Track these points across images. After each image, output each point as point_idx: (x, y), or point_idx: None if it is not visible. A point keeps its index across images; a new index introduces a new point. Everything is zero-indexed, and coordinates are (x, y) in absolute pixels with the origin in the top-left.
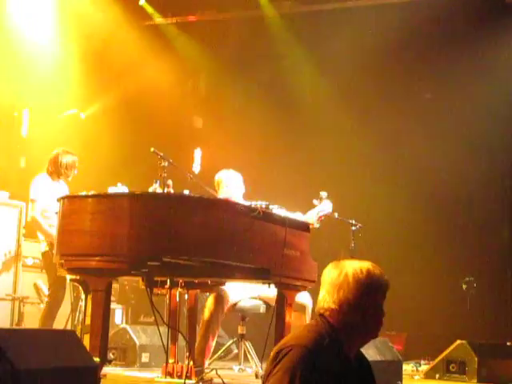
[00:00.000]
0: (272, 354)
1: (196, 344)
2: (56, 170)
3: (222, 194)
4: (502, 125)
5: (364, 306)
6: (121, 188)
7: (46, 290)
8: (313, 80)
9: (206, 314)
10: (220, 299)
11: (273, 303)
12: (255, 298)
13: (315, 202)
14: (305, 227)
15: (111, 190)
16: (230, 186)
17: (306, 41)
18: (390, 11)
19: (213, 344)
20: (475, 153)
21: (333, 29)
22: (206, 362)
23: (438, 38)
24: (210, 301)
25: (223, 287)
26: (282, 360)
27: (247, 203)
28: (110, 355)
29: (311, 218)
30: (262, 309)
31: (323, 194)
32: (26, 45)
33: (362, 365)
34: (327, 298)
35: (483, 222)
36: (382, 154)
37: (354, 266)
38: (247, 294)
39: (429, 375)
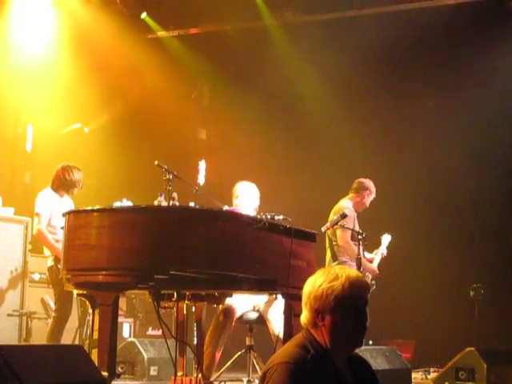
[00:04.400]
0: (260, 374)
1: (204, 357)
2: (62, 185)
3: (234, 203)
4: (508, 131)
5: (338, 313)
6: (126, 203)
7: (53, 305)
8: (315, 89)
9: (213, 326)
10: (228, 312)
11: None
12: (253, 311)
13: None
14: (311, 237)
15: (116, 205)
16: (241, 198)
17: (308, 50)
18: (391, 20)
19: (218, 356)
20: (480, 160)
21: (334, 38)
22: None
23: (440, 45)
24: (217, 313)
25: (229, 300)
26: (269, 380)
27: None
28: (119, 369)
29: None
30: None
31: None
32: (29, 60)
33: (358, 370)
34: (304, 311)
35: (490, 229)
36: (387, 161)
37: (324, 276)
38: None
39: (438, 383)
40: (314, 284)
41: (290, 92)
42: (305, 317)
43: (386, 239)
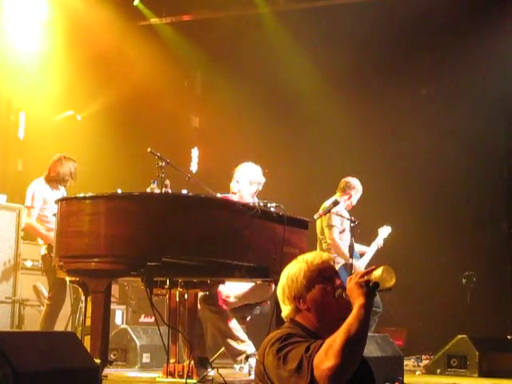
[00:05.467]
0: (257, 358)
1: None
2: (55, 177)
3: (231, 188)
4: (501, 120)
5: (314, 286)
6: None
7: (45, 293)
8: (309, 77)
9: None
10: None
11: (248, 300)
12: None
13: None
14: (303, 224)
15: None
16: (241, 183)
17: (302, 38)
18: (385, 6)
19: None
20: (473, 148)
21: (328, 25)
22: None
23: (435, 31)
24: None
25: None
26: (269, 349)
27: (248, 201)
28: (111, 356)
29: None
30: (257, 310)
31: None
32: (20, 47)
33: None
34: (284, 307)
35: (482, 217)
36: (381, 150)
37: (287, 269)
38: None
39: (430, 370)
40: (284, 278)
41: (284, 79)
42: (286, 310)
43: (385, 231)
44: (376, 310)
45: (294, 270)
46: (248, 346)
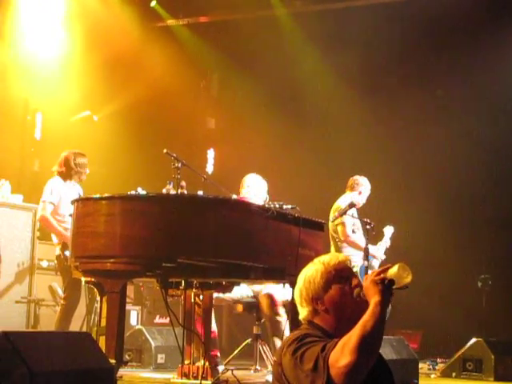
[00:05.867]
0: (274, 359)
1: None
2: (67, 170)
3: (242, 194)
4: None
5: (331, 286)
6: (141, 192)
7: (61, 293)
8: (325, 78)
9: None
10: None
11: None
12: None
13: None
14: (319, 226)
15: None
16: (251, 187)
17: (318, 40)
18: (401, 8)
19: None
20: (490, 149)
21: (345, 27)
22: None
23: (451, 32)
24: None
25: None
26: (287, 350)
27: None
28: (126, 357)
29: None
30: None
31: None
32: (38, 48)
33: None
34: (302, 310)
35: (499, 219)
36: (398, 150)
37: (303, 272)
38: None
39: (445, 373)
40: (301, 280)
41: (300, 80)
42: (304, 312)
43: (388, 231)
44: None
45: (311, 271)
46: None
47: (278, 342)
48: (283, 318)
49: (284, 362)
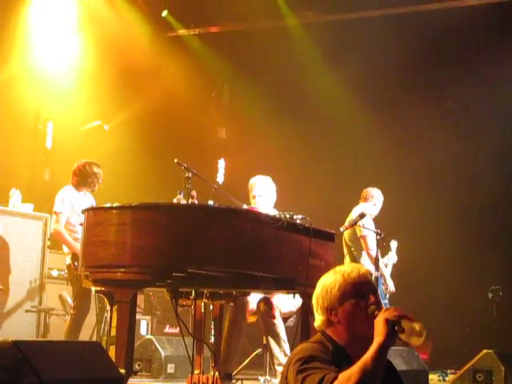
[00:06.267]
0: (282, 370)
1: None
2: (81, 180)
3: (254, 203)
4: None
5: (346, 300)
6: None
7: (71, 302)
8: (336, 89)
9: (228, 322)
10: (240, 305)
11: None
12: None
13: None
14: (329, 237)
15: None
16: (263, 197)
17: (329, 50)
18: (411, 20)
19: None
20: (499, 160)
21: (355, 38)
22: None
23: (462, 44)
24: (231, 310)
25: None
26: (292, 368)
27: (273, 213)
28: (136, 366)
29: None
30: (290, 322)
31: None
32: (49, 57)
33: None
34: (317, 316)
35: (508, 231)
36: (408, 161)
37: (324, 278)
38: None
39: None
40: (319, 288)
41: (310, 91)
42: (319, 320)
43: (393, 246)
44: None
45: (330, 280)
46: None
47: (272, 343)
48: (278, 320)
49: (289, 378)
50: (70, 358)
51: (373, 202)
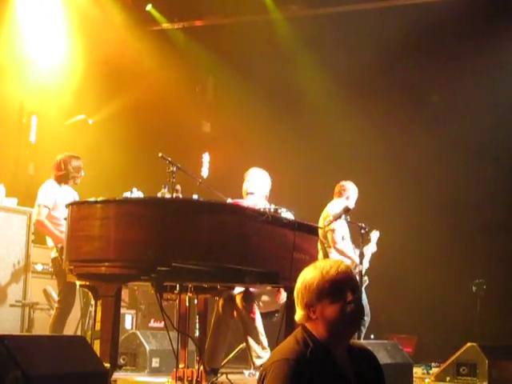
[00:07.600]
0: (261, 369)
1: (206, 347)
2: (62, 174)
3: (243, 191)
4: (510, 129)
5: (325, 297)
6: (136, 193)
7: (55, 296)
8: (320, 82)
9: (215, 317)
10: (229, 303)
11: (273, 307)
12: None
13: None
14: (314, 231)
15: (126, 195)
16: (251, 182)
17: (313, 44)
18: (396, 14)
19: (222, 345)
20: (484, 157)
21: (339, 32)
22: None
23: (447, 38)
24: (218, 304)
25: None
26: (269, 376)
27: (261, 206)
28: (121, 360)
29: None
30: (274, 318)
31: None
32: (33, 51)
33: (359, 361)
34: (298, 309)
35: (493, 224)
36: (393, 157)
37: (305, 272)
38: None
39: (439, 378)
40: (299, 282)
41: (295, 85)
42: (299, 315)
43: (374, 236)
44: (364, 319)
45: (310, 276)
46: (267, 354)
47: (250, 338)
48: (256, 314)
49: None
50: (55, 352)
51: (346, 195)
